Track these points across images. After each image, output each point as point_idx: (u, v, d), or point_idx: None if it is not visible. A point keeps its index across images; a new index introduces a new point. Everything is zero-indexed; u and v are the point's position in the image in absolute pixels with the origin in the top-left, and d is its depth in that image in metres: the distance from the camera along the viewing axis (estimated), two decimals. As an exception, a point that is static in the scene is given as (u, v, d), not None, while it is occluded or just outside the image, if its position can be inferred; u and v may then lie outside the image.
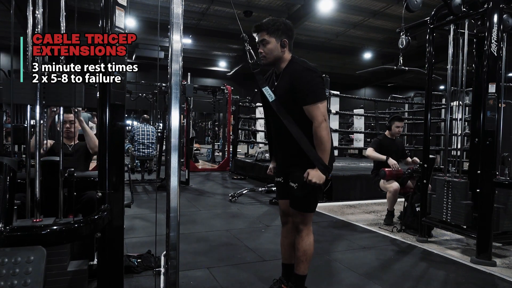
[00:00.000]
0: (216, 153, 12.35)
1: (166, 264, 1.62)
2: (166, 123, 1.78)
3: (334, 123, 8.17)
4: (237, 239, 3.66)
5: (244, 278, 2.70)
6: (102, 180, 1.64)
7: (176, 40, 1.59)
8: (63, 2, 1.92)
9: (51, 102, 1.75)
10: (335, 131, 8.02)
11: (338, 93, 8.50)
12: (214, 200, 5.80)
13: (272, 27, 2.10)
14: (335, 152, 5.41)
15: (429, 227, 3.75)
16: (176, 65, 1.59)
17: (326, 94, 7.02)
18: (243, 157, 10.62)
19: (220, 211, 4.99)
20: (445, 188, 3.46)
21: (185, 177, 7.02)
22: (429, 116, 3.81)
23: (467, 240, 3.66)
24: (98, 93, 1.65)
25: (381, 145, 4.49)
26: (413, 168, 4.17)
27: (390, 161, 4.30)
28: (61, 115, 1.97)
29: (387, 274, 2.86)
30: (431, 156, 3.85)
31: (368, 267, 2.99)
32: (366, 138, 9.82)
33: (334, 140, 6.01)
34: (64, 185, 1.95)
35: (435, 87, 16.32)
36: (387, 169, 4.21)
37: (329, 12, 11.55)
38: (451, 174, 3.59)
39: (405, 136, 11.02)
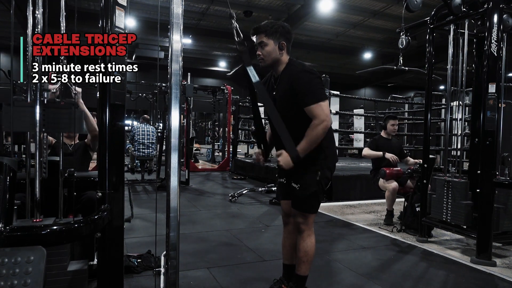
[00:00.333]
0: (216, 153, 12.36)
1: (166, 264, 1.62)
2: (166, 123, 1.78)
3: (334, 123, 8.17)
4: (237, 239, 3.66)
5: (244, 278, 2.70)
6: (102, 180, 1.65)
7: (176, 40, 1.59)
8: (63, 2, 1.92)
9: (51, 129, 1.78)
10: (335, 131, 8.01)
11: (338, 93, 8.50)
12: (214, 200, 5.80)
13: (270, 29, 2.10)
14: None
15: (429, 227, 3.75)
16: (176, 65, 1.59)
17: (326, 94, 7.05)
18: (243, 157, 10.63)
19: (220, 211, 4.99)
20: (445, 188, 3.46)
21: (185, 177, 7.02)
22: (429, 116, 3.81)
23: (467, 240, 3.65)
24: (98, 93, 1.65)
25: (377, 145, 4.52)
26: (413, 168, 4.18)
27: (387, 155, 4.34)
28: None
29: (387, 274, 2.86)
30: (431, 156, 3.85)
31: (368, 267, 2.99)
32: (366, 138, 9.82)
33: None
34: (64, 185, 1.95)
35: (435, 87, 16.32)
36: (387, 169, 4.22)
37: (329, 12, 11.54)
38: (451, 174, 3.59)
39: (405, 136, 11.04)
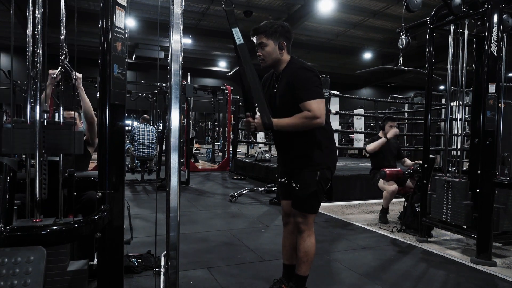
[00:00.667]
0: (216, 153, 12.36)
1: (166, 264, 1.62)
2: (166, 123, 1.78)
3: (334, 123, 8.16)
4: (237, 239, 3.66)
5: (244, 278, 2.70)
6: (102, 180, 1.64)
7: (176, 40, 1.58)
8: (63, 2, 1.92)
9: (51, 150, 1.79)
10: (335, 131, 7.99)
11: (338, 93, 8.49)
12: (214, 200, 5.80)
13: (270, 29, 2.10)
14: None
15: (429, 227, 3.75)
16: (176, 65, 1.59)
17: (326, 94, 7.05)
18: (243, 157, 10.62)
19: (220, 211, 4.99)
20: (445, 188, 3.46)
21: (185, 177, 7.03)
22: (429, 116, 3.81)
23: (467, 240, 3.66)
24: (98, 93, 1.65)
25: None
26: (413, 168, 4.18)
27: (390, 134, 4.40)
28: (61, 115, 1.97)
29: (387, 274, 2.86)
30: (431, 156, 3.85)
31: (368, 267, 2.99)
32: (366, 138, 9.82)
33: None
34: (64, 185, 1.95)
35: (435, 87, 16.33)
36: (387, 169, 4.23)
37: (329, 12, 11.54)
38: (451, 174, 3.59)
39: (405, 136, 11.03)
